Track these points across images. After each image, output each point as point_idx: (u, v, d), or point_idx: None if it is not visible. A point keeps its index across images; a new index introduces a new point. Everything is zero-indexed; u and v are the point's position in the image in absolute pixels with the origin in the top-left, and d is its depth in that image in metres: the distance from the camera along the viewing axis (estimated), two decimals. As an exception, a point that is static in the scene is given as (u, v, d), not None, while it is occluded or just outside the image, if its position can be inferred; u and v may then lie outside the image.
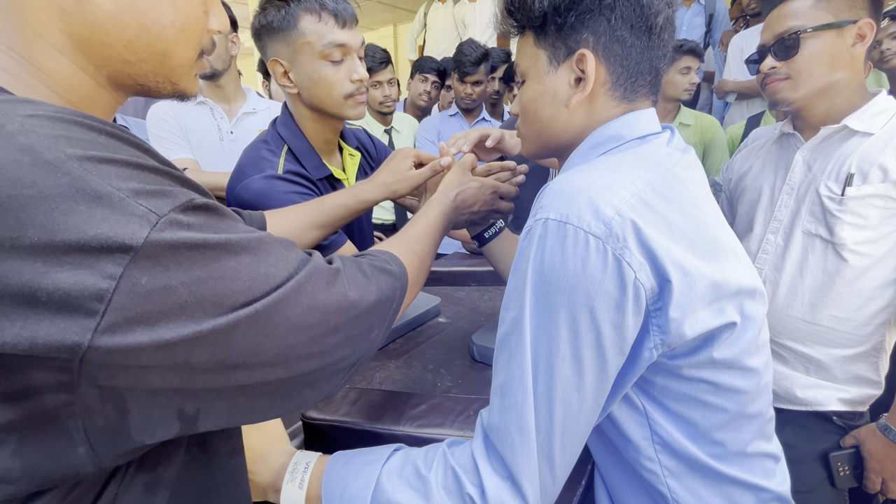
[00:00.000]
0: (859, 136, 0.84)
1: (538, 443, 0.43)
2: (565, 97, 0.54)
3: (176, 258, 0.27)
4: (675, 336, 0.43)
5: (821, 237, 0.88)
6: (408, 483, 0.45)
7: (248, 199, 0.87)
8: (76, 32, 0.33)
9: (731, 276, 0.46)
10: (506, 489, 0.43)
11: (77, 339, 0.24)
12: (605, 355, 0.42)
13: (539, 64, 0.55)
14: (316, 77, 0.87)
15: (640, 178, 0.45)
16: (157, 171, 0.29)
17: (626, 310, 0.41)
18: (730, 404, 0.47)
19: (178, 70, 0.39)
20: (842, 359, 0.89)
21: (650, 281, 0.42)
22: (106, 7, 0.33)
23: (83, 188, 0.25)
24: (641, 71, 0.53)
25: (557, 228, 0.42)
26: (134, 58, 0.36)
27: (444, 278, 1.23)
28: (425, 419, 0.58)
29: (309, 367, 0.36)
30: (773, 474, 0.52)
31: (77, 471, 0.28)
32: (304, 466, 0.49)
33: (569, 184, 0.44)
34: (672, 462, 0.48)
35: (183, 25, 0.37)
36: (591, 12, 0.50)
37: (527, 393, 0.43)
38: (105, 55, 0.35)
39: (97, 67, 0.35)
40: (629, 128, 0.53)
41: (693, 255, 0.44)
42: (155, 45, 0.36)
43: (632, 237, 0.41)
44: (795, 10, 0.83)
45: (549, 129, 0.57)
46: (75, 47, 0.34)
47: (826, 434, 0.92)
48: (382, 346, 0.92)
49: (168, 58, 0.38)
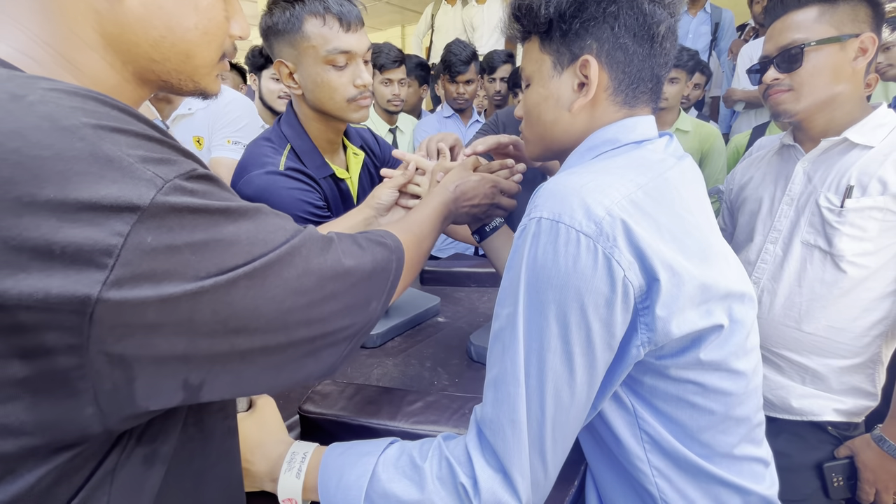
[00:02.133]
0: (859, 149, 0.85)
1: (530, 436, 0.44)
2: (568, 101, 0.55)
3: (179, 220, 0.29)
4: (662, 334, 0.44)
5: (819, 248, 0.88)
6: (403, 473, 0.46)
7: (249, 195, 0.88)
8: (107, 31, 0.36)
9: (720, 279, 0.47)
10: (497, 481, 0.44)
11: (87, 292, 0.26)
12: (594, 351, 0.43)
13: (544, 69, 0.57)
14: (320, 81, 0.88)
15: (632, 181, 0.46)
16: (163, 143, 0.31)
17: (615, 307, 0.43)
18: (717, 406, 0.48)
19: (200, 70, 0.42)
20: (838, 369, 0.90)
21: (639, 279, 0.43)
22: (136, 9, 0.36)
23: (96, 152, 0.27)
24: (643, 78, 0.54)
25: (550, 227, 0.43)
26: (159, 56, 0.39)
27: (443, 278, 1.24)
28: (421, 416, 0.59)
29: (308, 334, 0.37)
30: (761, 478, 0.53)
31: (85, 430, 0.29)
32: (302, 456, 0.50)
33: (562, 184, 0.45)
34: (661, 461, 0.49)
35: (206, 29, 0.40)
36: (595, 20, 0.52)
37: (519, 386, 0.44)
38: (132, 53, 0.38)
39: (124, 63, 0.38)
40: (626, 132, 0.54)
41: (682, 257, 0.45)
42: (179, 46, 0.39)
43: (621, 236, 0.42)
44: (798, 22, 0.84)
45: (551, 132, 0.59)
46: (106, 45, 0.37)
47: (821, 444, 0.93)
48: (381, 343, 0.93)
49: (191, 58, 0.41)
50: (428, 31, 3.69)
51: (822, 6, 0.82)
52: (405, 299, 1.05)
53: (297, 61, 0.88)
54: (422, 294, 1.10)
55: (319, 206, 0.93)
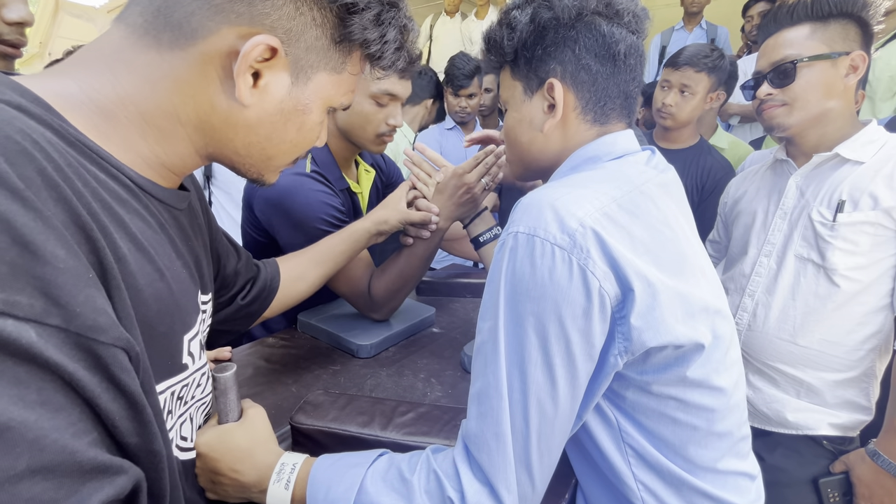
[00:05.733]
0: (851, 164, 0.86)
1: (515, 450, 0.44)
2: (540, 123, 0.58)
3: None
4: (637, 344, 0.44)
5: (813, 262, 0.89)
6: (391, 486, 0.46)
7: (271, 195, 0.91)
8: (209, 120, 0.40)
9: (695, 293, 0.48)
10: (484, 494, 0.43)
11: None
12: (574, 361, 0.44)
13: (516, 94, 0.60)
14: (359, 110, 0.93)
15: (606, 195, 0.47)
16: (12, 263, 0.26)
17: (592, 317, 0.43)
18: (699, 421, 0.48)
19: (272, 168, 0.46)
20: (833, 383, 0.90)
21: (614, 289, 0.43)
22: (249, 117, 0.40)
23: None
24: (610, 95, 0.56)
25: (526, 241, 0.44)
26: (245, 153, 0.42)
27: (440, 289, 1.24)
28: (412, 427, 0.59)
29: None
30: (746, 492, 0.52)
31: None
32: (291, 467, 0.50)
33: (538, 199, 0.46)
34: (646, 475, 0.49)
35: (298, 143, 0.44)
36: (556, 45, 0.55)
37: (502, 399, 0.44)
38: (221, 142, 0.41)
39: (206, 145, 0.41)
40: (606, 148, 0.56)
41: (656, 268, 0.45)
42: (267, 151, 0.43)
43: (595, 248, 0.43)
44: (791, 39, 0.86)
45: (528, 153, 0.61)
46: (199, 127, 0.40)
47: (816, 458, 0.92)
48: (375, 353, 0.92)
49: (271, 160, 0.44)
50: (427, 42, 3.75)
51: (813, 24, 0.84)
52: (401, 309, 1.05)
53: None
54: (417, 304, 1.10)
55: (341, 212, 0.96)
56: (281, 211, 0.91)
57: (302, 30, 0.39)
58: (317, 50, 0.41)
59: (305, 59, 0.40)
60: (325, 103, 0.44)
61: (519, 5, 0.57)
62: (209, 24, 0.36)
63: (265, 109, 0.40)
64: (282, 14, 0.37)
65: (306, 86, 0.42)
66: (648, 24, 0.57)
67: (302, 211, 0.90)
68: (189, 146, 0.41)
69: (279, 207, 0.91)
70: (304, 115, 0.43)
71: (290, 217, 0.91)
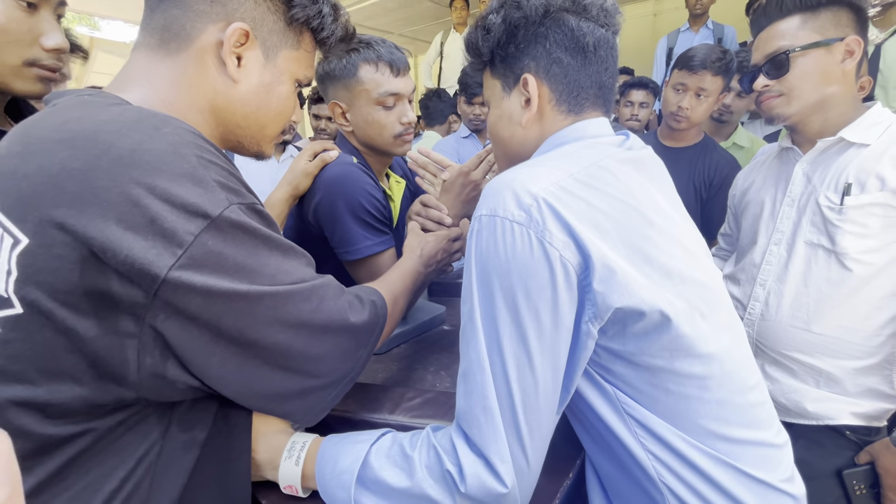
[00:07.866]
0: (856, 148, 0.85)
1: (504, 423, 0.45)
2: (519, 117, 0.61)
3: (233, 234, 0.39)
4: (603, 308, 0.45)
5: (823, 247, 0.88)
6: (394, 462, 0.48)
7: (325, 183, 0.95)
8: (216, 103, 0.51)
9: (662, 259, 0.48)
10: (480, 465, 0.45)
11: (157, 272, 0.35)
12: (545, 332, 0.45)
13: (496, 92, 0.63)
14: (371, 119, 0.97)
15: (561, 170, 0.49)
16: (236, 178, 0.43)
17: (557, 286, 0.45)
18: (691, 390, 0.48)
19: (266, 138, 0.56)
20: (853, 371, 0.87)
21: (576, 257, 0.45)
22: (242, 92, 0.51)
23: (193, 173, 0.39)
24: (583, 86, 0.59)
25: (489, 222, 0.47)
26: (245, 124, 0.53)
27: (450, 289, 1.26)
28: (419, 410, 0.61)
29: (305, 368, 0.45)
30: (774, 464, 0.51)
31: (121, 396, 0.38)
32: (301, 445, 0.53)
33: (498, 181, 0.49)
34: (654, 445, 0.49)
35: (280, 111, 0.55)
36: (527, 42, 0.58)
37: (485, 374, 0.46)
38: (227, 119, 0.52)
39: (217, 125, 0.52)
40: (576, 133, 0.58)
41: (617, 234, 0.47)
42: (261, 120, 0.54)
43: (551, 219, 0.45)
44: (783, 31, 0.86)
45: (511, 147, 0.64)
46: (211, 110, 0.51)
47: (839, 450, 0.89)
48: (387, 349, 0.95)
49: (264, 129, 0.55)
50: (437, 58, 3.84)
51: (803, 14, 0.85)
52: (413, 308, 1.08)
53: (350, 102, 0.98)
54: (428, 303, 1.13)
55: (384, 205, 0.99)
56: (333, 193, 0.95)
57: (263, 17, 0.50)
58: (277, 32, 0.52)
59: (270, 40, 0.52)
60: (291, 76, 0.55)
61: (494, 9, 0.60)
62: (198, 25, 0.48)
63: (251, 82, 0.51)
64: (246, 7, 0.49)
65: (275, 63, 0.53)
66: (620, 18, 0.60)
67: (349, 197, 0.95)
68: (207, 130, 0.51)
69: (331, 190, 0.95)
70: (280, 86, 0.54)
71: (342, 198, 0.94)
